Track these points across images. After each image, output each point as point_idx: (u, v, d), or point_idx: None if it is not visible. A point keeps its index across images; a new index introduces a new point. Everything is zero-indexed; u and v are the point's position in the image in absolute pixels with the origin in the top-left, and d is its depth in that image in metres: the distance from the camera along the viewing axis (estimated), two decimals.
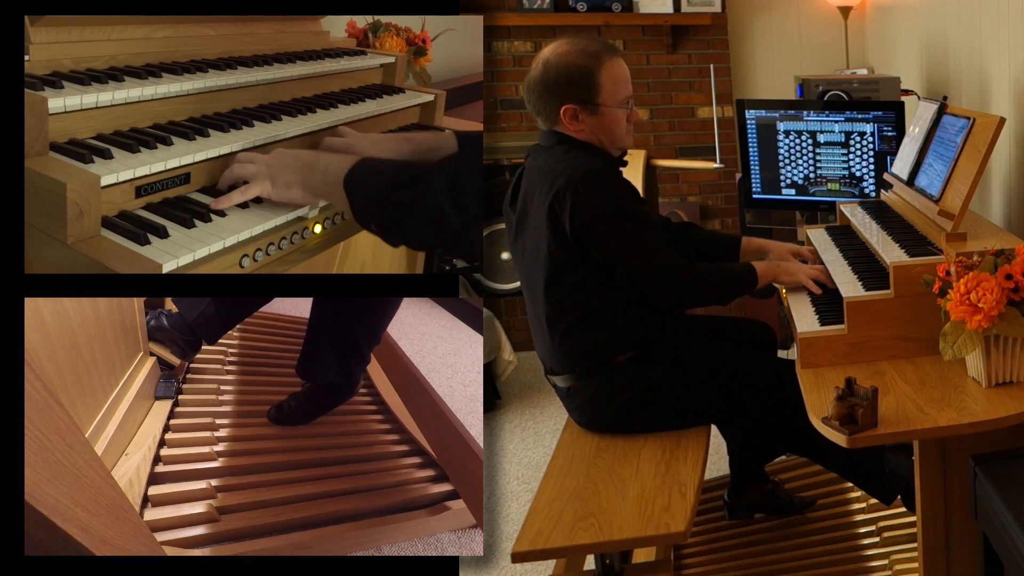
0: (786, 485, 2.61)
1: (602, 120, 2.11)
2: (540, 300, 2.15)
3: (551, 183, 2.06)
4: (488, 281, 4.16)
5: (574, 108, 2.10)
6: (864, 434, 1.67)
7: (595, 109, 2.10)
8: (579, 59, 2.08)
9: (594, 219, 2.03)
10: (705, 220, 4.45)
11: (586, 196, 2.01)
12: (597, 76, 2.08)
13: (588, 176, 2.03)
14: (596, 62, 2.08)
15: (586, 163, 2.06)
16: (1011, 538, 1.44)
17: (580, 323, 2.13)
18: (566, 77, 2.08)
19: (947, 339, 1.76)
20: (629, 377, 2.14)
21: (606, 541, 1.80)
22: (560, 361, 2.19)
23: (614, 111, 2.11)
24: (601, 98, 2.09)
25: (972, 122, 2.13)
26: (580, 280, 2.10)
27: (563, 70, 2.08)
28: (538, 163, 2.15)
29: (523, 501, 2.98)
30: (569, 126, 2.12)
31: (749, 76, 4.45)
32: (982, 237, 2.06)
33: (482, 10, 4.10)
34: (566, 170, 2.05)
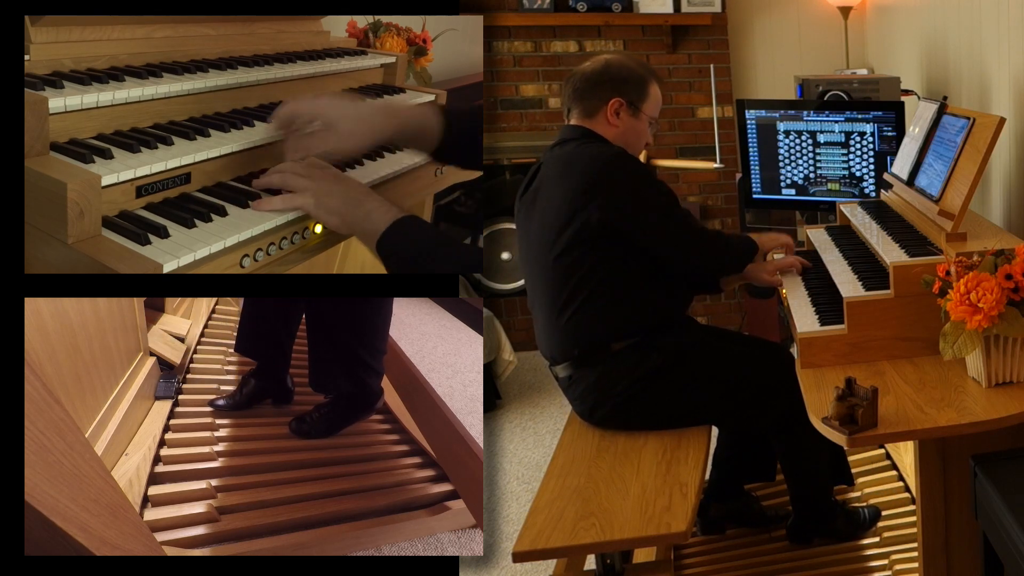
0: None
1: (636, 125, 2.27)
2: (545, 283, 2.19)
3: (575, 167, 2.15)
4: (488, 281, 4.16)
5: (621, 102, 2.24)
6: (864, 434, 1.67)
7: (636, 113, 2.26)
8: (638, 68, 2.30)
9: (628, 198, 2.14)
10: (705, 220, 4.45)
11: (622, 177, 2.14)
12: (648, 86, 2.28)
13: (619, 156, 2.18)
14: (650, 76, 2.30)
15: (612, 148, 2.20)
16: (1011, 538, 1.44)
17: (583, 306, 2.16)
18: (626, 76, 2.26)
19: (947, 339, 1.76)
20: (629, 364, 2.16)
21: (607, 541, 1.80)
22: (561, 346, 2.21)
23: (646, 122, 2.29)
24: (644, 106, 2.27)
25: (972, 122, 2.13)
26: (588, 263, 2.15)
27: (624, 70, 2.27)
28: (558, 152, 2.23)
29: (523, 501, 2.98)
30: (609, 118, 2.24)
31: (749, 76, 4.45)
32: (982, 237, 2.06)
33: (482, 10, 4.09)
34: (594, 154, 2.17)
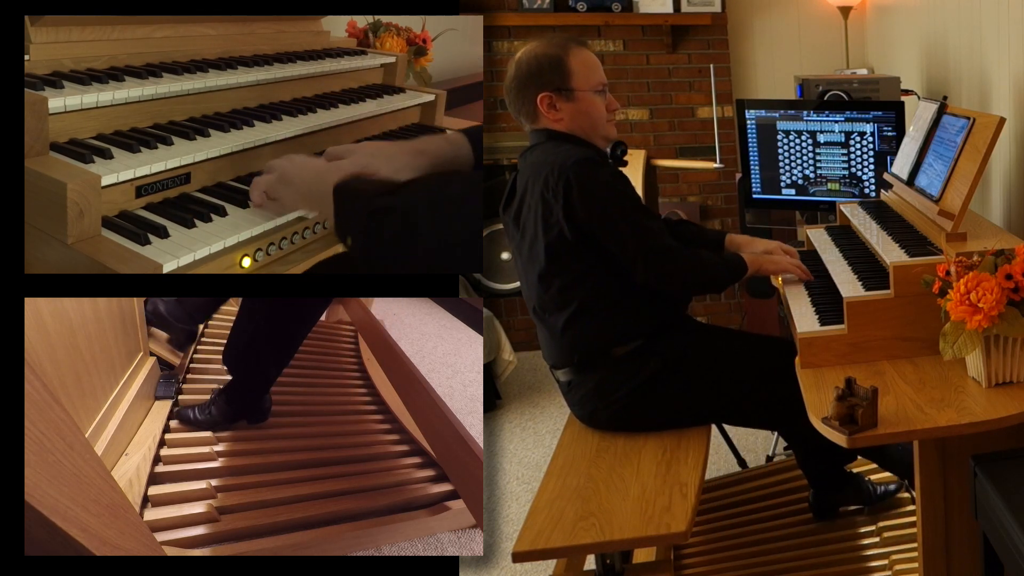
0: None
1: (579, 106, 2.15)
2: (539, 292, 2.17)
3: (541, 175, 2.10)
4: (488, 281, 4.16)
5: (549, 96, 2.14)
6: (864, 434, 1.67)
7: (570, 95, 2.15)
8: (547, 49, 2.16)
9: (588, 206, 2.06)
10: (705, 220, 4.45)
11: (578, 183, 2.05)
12: (566, 62, 2.14)
13: (579, 163, 2.07)
14: (563, 50, 2.15)
15: (576, 152, 2.11)
16: (1011, 538, 1.44)
17: (579, 314, 2.14)
18: (536, 68, 2.15)
19: (947, 339, 1.76)
20: (630, 369, 2.15)
21: (607, 541, 1.79)
22: (560, 353, 2.20)
23: (589, 96, 2.16)
24: (574, 83, 2.14)
25: (972, 122, 2.13)
26: (577, 270, 2.12)
27: (533, 61, 2.15)
28: (529, 160, 2.19)
29: (523, 501, 2.98)
30: (548, 115, 2.16)
31: (749, 76, 4.45)
32: (982, 237, 2.06)
33: (482, 10, 4.10)
34: (557, 160, 2.09)
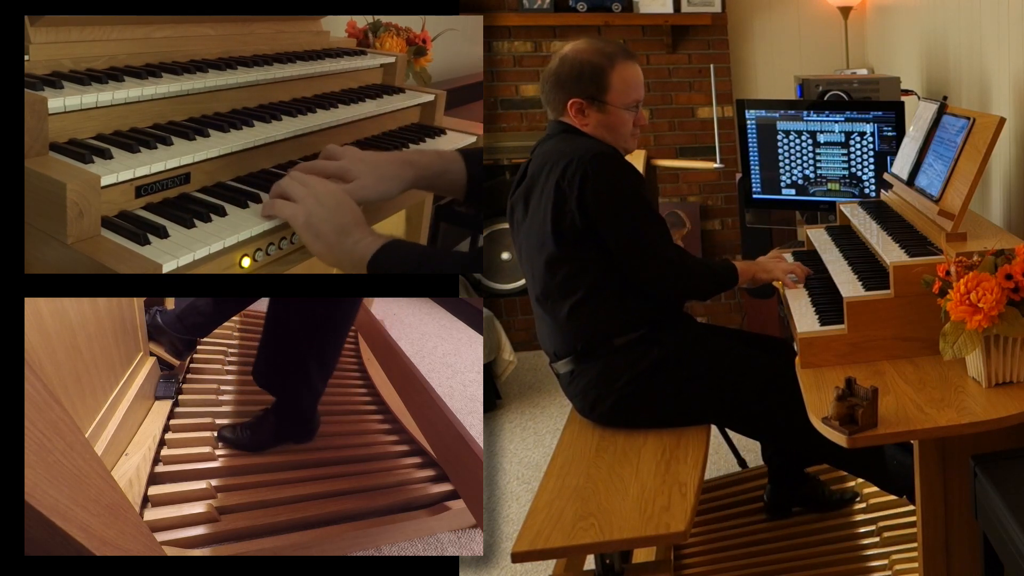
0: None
1: (607, 119, 2.17)
2: (545, 279, 2.17)
3: (559, 162, 2.11)
4: (488, 281, 4.16)
5: (580, 103, 2.15)
6: (864, 434, 1.67)
7: (602, 107, 2.16)
8: (594, 57, 2.15)
9: (601, 199, 2.07)
10: (705, 220, 4.45)
11: (595, 175, 2.06)
12: (608, 75, 2.14)
13: (598, 156, 2.09)
14: (609, 62, 2.14)
15: (596, 146, 2.13)
16: (1011, 538, 1.44)
17: (584, 301, 2.14)
18: (578, 72, 2.14)
19: (947, 339, 1.76)
20: (631, 358, 2.15)
21: (606, 541, 1.79)
22: (563, 341, 2.20)
23: (620, 112, 2.17)
24: (609, 97, 2.15)
25: (972, 122, 2.13)
26: (584, 258, 2.13)
27: (577, 65, 2.15)
28: (546, 148, 2.20)
29: (523, 501, 2.98)
30: (575, 119, 2.18)
31: (749, 76, 4.45)
32: (982, 237, 2.06)
33: (482, 10, 4.10)
34: (576, 151, 2.10)
